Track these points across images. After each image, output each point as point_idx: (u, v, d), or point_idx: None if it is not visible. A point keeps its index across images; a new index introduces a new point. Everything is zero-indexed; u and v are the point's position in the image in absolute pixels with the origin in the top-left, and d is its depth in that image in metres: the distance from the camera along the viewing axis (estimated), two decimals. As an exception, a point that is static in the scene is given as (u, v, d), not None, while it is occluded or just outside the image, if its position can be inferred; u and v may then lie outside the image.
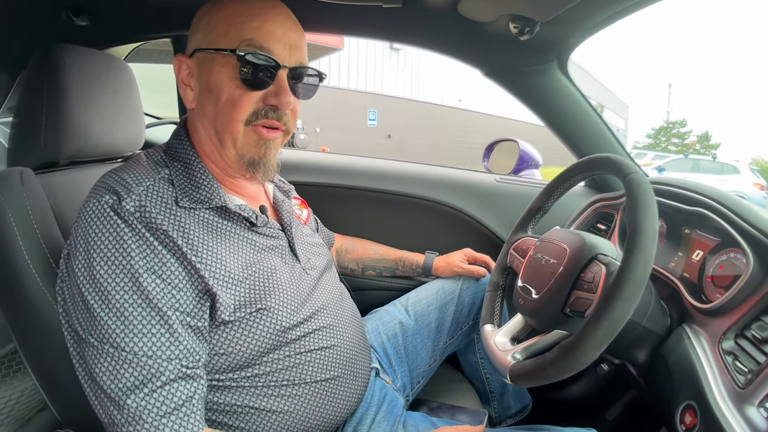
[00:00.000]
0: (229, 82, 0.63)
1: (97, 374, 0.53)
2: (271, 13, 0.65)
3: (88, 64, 0.80)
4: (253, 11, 0.64)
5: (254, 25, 0.63)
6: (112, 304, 0.54)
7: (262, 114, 0.65)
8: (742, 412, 0.56)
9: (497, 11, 0.81)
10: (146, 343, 0.53)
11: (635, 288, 0.54)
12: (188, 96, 0.68)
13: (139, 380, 0.52)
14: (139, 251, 0.56)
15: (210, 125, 0.67)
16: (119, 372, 0.52)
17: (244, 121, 0.65)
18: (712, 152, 18.59)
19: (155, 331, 0.54)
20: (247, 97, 0.64)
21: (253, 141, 0.66)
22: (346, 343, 0.76)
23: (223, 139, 0.66)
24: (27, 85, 0.77)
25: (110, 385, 0.52)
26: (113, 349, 0.53)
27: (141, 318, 0.54)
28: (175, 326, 0.55)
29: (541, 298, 0.70)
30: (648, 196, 0.59)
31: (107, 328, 0.53)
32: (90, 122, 0.80)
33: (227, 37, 0.63)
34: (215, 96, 0.64)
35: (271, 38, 0.64)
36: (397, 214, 1.36)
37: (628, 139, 36.11)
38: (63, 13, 0.93)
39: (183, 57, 0.68)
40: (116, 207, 0.57)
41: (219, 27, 0.64)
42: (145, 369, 0.53)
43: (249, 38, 0.63)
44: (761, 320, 0.63)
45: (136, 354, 0.53)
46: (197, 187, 0.65)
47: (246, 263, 0.65)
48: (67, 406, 0.70)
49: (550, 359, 0.59)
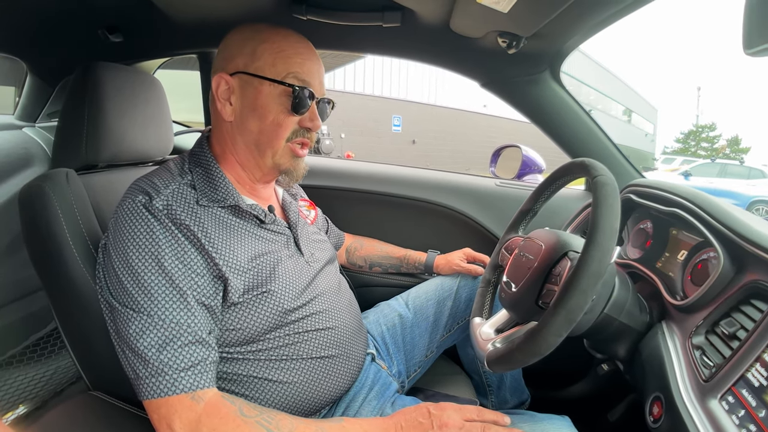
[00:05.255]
0: (276, 106, 0.76)
1: (128, 336, 0.63)
2: (310, 53, 0.79)
3: (123, 79, 0.91)
4: (297, 49, 0.78)
5: (298, 61, 0.77)
6: (142, 282, 0.64)
7: (299, 134, 0.79)
8: (704, 405, 0.58)
9: (485, 28, 0.88)
10: (168, 313, 0.63)
11: (590, 280, 0.58)
12: (227, 110, 0.78)
13: (162, 340, 0.62)
14: (165, 241, 0.66)
15: (251, 139, 0.78)
16: (146, 333, 0.62)
17: (285, 138, 0.78)
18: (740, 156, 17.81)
19: (175, 306, 0.64)
20: (290, 120, 0.77)
21: (288, 156, 0.80)
22: (342, 327, 0.84)
23: (264, 151, 0.78)
24: (69, 97, 0.88)
25: (138, 344, 0.62)
26: (142, 315, 0.63)
27: (164, 294, 0.64)
28: (192, 302, 0.65)
29: (519, 291, 0.74)
30: (610, 197, 0.62)
31: (138, 300, 0.63)
32: (124, 131, 0.90)
33: (275, 68, 0.75)
34: (260, 115, 0.76)
35: (311, 74, 0.78)
36: (402, 216, 1.43)
37: (657, 143, 34.88)
38: (99, 30, 1.04)
39: (225, 75, 0.77)
40: (148, 205, 0.68)
41: (266, 57, 0.75)
42: (167, 332, 0.62)
43: (294, 71, 0.76)
44: (730, 316, 0.65)
45: (161, 319, 0.63)
46: (215, 189, 0.75)
47: (254, 254, 0.74)
48: (98, 371, 0.80)
49: (517, 344, 0.63)
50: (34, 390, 1.22)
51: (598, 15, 0.83)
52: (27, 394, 1.20)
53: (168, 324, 0.63)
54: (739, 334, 0.61)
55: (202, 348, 0.64)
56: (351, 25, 0.97)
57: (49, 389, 1.25)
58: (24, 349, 1.23)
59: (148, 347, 0.62)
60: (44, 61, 1.22)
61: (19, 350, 1.21)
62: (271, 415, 0.63)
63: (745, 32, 0.46)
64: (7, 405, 1.16)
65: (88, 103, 0.85)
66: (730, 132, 70.89)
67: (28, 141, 1.25)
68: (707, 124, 34.88)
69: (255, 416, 0.62)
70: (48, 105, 1.34)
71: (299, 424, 0.64)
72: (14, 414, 1.16)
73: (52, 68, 1.24)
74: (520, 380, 1.16)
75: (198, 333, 0.64)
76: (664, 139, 50.74)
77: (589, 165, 0.72)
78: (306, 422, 0.65)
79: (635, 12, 0.84)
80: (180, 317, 0.63)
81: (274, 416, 0.63)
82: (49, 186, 0.75)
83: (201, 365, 0.63)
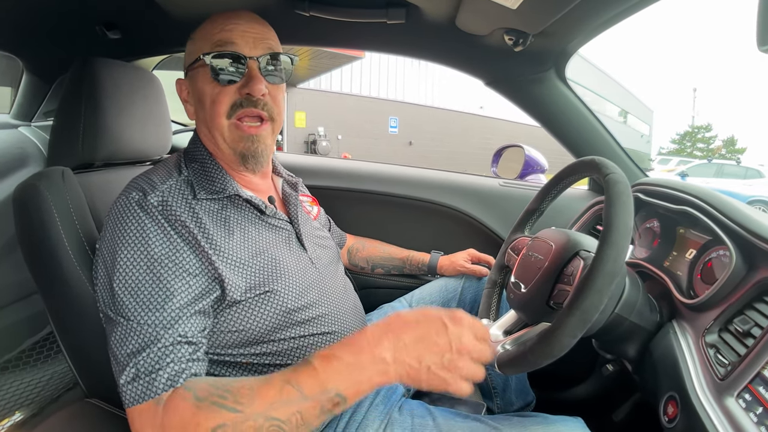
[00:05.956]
0: (207, 84, 0.73)
1: (110, 342, 0.60)
2: (233, 19, 0.73)
3: (121, 76, 0.89)
4: (217, 21, 0.74)
5: (218, 30, 0.72)
6: (128, 283, 0.61)
7: (239, 105, 0.72)
8: (720, 403, 0.57)
9: (492, 25, 0.87)
10: (150, 316, 0.60)
11: (606, 280, 0.57)
12: (189, 111, 0.78)
13: (141, 345, 0.58)
14: (156, 239, 0.64)
15: (206, 129, 0.76)
16: (126, 340, 0.59)
17: (225, 114, 0.73)
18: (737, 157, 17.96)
19: (159, 306, 0.60)
20: (224, 92, 0.72)
21: (238, 137, 0.74)
22: (347, 331, 0.81)
23: (215, 136, 0.75)
24: (66, 94, 0.86)
25: (118, 351, 0.59)
26: (124, 320, 0.60)
27: (150, 295, 0.61)
28: (179, 303, 0.61)
29: (529, 292, 0.73)
30: (623, 195, 0.61)
31: (122, 303, 0.61)
32: (122, 129, 0.89)
33: (203, 47, 0.73)
34: (202, 101, 0.74)
35: (235, 34, 0.71)
36: (404, 217, 1.42)
37: (653, 144, 35.17)
38: (97, 27, 1.03)
39: (181, 80, 0.78)
40: (141, 202, 0.65)
41: (196, 43, 0.75)
42: (146, 336, 0.59)
43: (216, 40, 0.72)
44: (744, 314, 0.65)
45: (140, 324, 0.59)
46: (212, 181, 0.73)
47: (255, 250, 0.72)
48: (94, 378, 0.78)
49: (530, 346, 0.62)
50: (30, 396, 1.20)
51: (605, 13, 0.83)
52: (23, 400, 1.18)
53: (148, 327, 0.59)
54: (754, 332, 0.61)
55: (183, 347, 0.60)
56: (354, 22, 0.96)
57: (46, 395, 1.23)
58: (20, 354, 1.20)
59: (126, 354, 0.58)
60: (40, 59, 1.20)
61: (15, 354, 1.19)
62: (227, 389, 0.55)
63: (759, 29, 0.47)
64: (2, 411, 1.13)
65: (84, 99, 0.83)
66: (726, 132, 71.63)
67: (24, 140, 1.22)
68: (703, 125, 35.18)
69: (209, 397, 0.54)
70: (44, 103, 1.32)
71: (261, 385, 0.55)
72: (10, 421, 1.14)
73: (48, 66, 1.22)
74: (526, 382, 1.15)
75: (181, 334, 0.60)
76: (660, 140, 51.19)
77: (600, 163, 0.71)
78: (268, 379, 0.55)
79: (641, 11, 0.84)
80: (164, 320, 0.60)
81: (231, 388, 0.55)
82: (44, 185, 0.73)
83: (174, 364, 0.58)
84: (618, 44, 47.14)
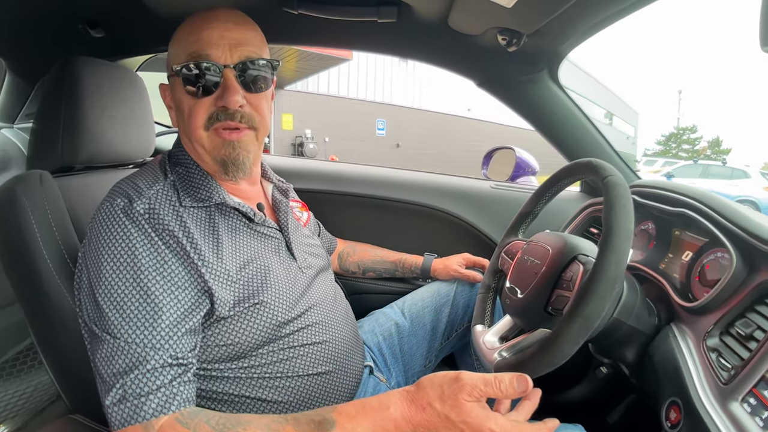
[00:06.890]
0: (184, 96, 0.69)
1: (95, 360, 0.57)
2: (209, 21, 0.69)
3: (103, 75, 0.86)
4: (194, 25, 0.69)
5: (194, 39, 0.68)
6: (114, 297, 0.58)
7: (215, 117, 0.69)
8: (725, 408, 0.57)
9: (485, 24, 0.85)
10: (139, 334, 0.57)
11: (608, 285, 0.56)
12: (172, 117, 0.76)
13: (129, 366, 0.56)
14: (143, 250, 0.60)
15: (186, 137, 0.73)
16: (113, 358, 0.56)
17: (202, 127, 0.69)
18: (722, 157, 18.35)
19: (148, 324, 0.57)
20: (200, 104, 0.68)
21: (219, 144, 0.70)
22: (338, 340, 0.79)
23: (195, 146, 0.72)
24: (46, 94, 0.83)
25: (104, 370, 0.56)
26: (110, 337, 0.57)
27: (138, 310, 0.58)
28: (168, 320, 0.58)
29: (525, 298, 0.72)
30: (623, 198, 0.61)
31: (108, 319, 0.57)
32: (103, 130, 0.85)
33: (177, 58, 0.69)
34: (180, 111, 0.71)
35: (209, 44, 0.67)
36: (396, 220, 1.39)
37: (638, 146, 35.76)
38: (80, 25, 0.99)
39: (164, 85, 0.76)
40: (127, 209, 0.62)
41: (173, 49, 0.71)
42: (134, 356, 0.56)
43: (191, 51, 0.68)
44: (745, 317, 0.64)
45: (128, 342, 0.56)
46: (197, 188, 0.70)
47: (244, 261, 0.69)
48: (78, 393, 0.74)
49: (530, 354, 0.61)
50: (14, 408, 1.15)
51: (600, 14, 0.82)
52: (7, 413, 1.14)
53: (137, 346, 0.56)
54: (756, 335, 0.60)
55: (173, 369, 0.58)
56: (345, 21, 0.93)
57: (30, 408, 1.18)
58: (4, 363, 1.15)
59: (113, 374, 0.56)
60: (23, 58, 1.16)
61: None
62: None
63: (762, 29, 0.47)
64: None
65: (65, 99, 0.80)
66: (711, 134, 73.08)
67: (6, 143, 1.18)
68: (688, 126, 35.72)
69: None
70: (27, 105, 1.27)
71: (273, 424, 0.54)
72: (-5, 435, 1.08)
73: (30, 65, 1.18)
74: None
75: (171, 354, 0.58)
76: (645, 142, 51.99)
77: (598, 165, 0.70)
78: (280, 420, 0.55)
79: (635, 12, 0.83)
80: (153, 338, 0.57)
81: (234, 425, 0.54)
82: (21, 189, 0.69)
83: (164, 389, 0.56)
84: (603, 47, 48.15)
